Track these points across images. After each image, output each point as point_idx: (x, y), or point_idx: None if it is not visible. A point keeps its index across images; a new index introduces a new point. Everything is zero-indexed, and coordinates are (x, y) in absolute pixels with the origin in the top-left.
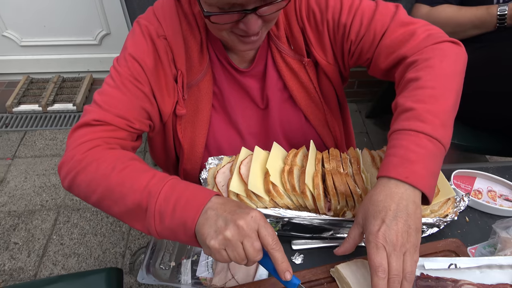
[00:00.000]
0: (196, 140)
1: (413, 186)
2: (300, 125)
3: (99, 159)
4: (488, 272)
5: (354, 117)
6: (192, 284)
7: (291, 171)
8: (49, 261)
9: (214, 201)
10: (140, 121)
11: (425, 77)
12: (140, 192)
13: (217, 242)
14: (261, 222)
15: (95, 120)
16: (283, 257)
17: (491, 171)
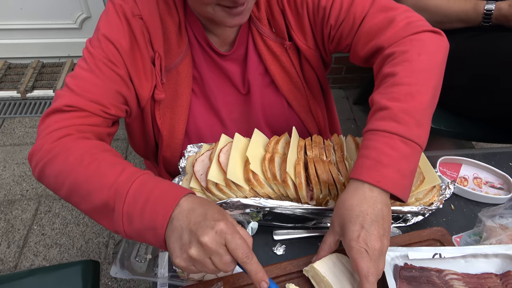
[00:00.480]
0: (176, 126)
1: (385, 190)
2: (282, 111)
3: (67, 150)
4: (473, 261)
5: (342, 103)
6: (169, 278)
7: (272, 159)
8: (30, 252)
9: (182, 206)
10: (115, 106)
11: (402, 73)
12: (107, 189)
13: (182, 261)
14: (228, 236)
15: (67, 105)
16: (256, 268)
17: (477, 157)
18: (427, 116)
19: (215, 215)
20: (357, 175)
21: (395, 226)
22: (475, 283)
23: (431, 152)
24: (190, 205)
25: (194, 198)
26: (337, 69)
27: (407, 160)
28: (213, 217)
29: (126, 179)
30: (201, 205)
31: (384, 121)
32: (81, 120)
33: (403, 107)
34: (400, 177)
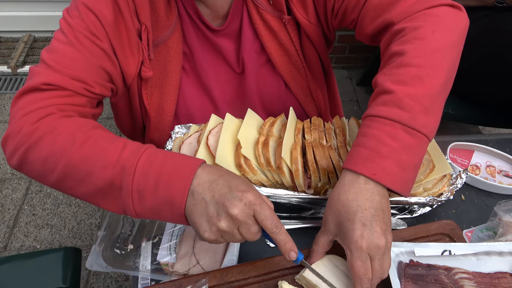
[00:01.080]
0: (165, 107)
1: (381, 184)
2: (279, 93)
3: (54, 130)
4: (485, 259)
5: (344, 84)
6: (152, 271)
7: (266, 143)
8: (20, 233)
9: (200, 177)
10: (100, 84)
11: (411, 52)
12: (111, 167)
13: (212, 234)
14: (257, 207)
15: (45, 84)
16: (286, 238)
17: (490, 144)
18: (438, 103)
19: (240, 186)
20: (351, 166)
21: (400, 218)
22: (487, 283)
23: (441, 138)
24: (209, 176)
25: (210, 168)
26: (340, 48)
27: (409, 151)
28: (239, 188)
29: (131, 155)
30: (221, 175)
31: (386, 107)
32: (62, 100)
33: (409, 92)
34: (400, 170)
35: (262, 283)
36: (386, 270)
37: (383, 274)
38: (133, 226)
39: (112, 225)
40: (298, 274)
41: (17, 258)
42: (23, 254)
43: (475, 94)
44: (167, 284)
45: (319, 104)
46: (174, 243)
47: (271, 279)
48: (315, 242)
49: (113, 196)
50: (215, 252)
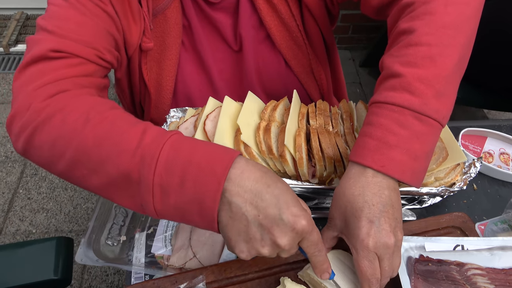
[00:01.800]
0: (163, 83)
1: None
2: (279, 71)
3: (65, 107)
4: (500, 254)
5: (347, 65)
6: (145, 265)
7: (268, 129)
8: (15, 217)
9: (238, 182)
10: (109, 51)
11: (421, 29)
12: (129, 156)
13: (249, 256)
14: (307, 235)
15: (54, 50)
16: (324, 259)
17: (504, 129)
18: (452, 84)
19: (292, 207)
20: (357, 158)
21: (408, 208)
22: (502, 279)
23: (452, 123)
24: (251, 184)
25: (251, 169)
26: (343, 28)
27: (420, 140)
28: (291, 211)
29: (153, 141)
30: (267, 185)
31: (395, 92)
32: (75, 70)
33: (419, 74)
34: (410, 160)
35: (263, 279)
36: (396, 268)
37: (393, 273)
38: (126, 216)
39: (103, 215)
40: (301, 271)
41: (5, 248)
42: (12, 244)
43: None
44: (162, 280)
45: (322, 84)
46: (170, 234)
47: (272, 275)
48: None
49: (129, 191)
50: (213, 245)
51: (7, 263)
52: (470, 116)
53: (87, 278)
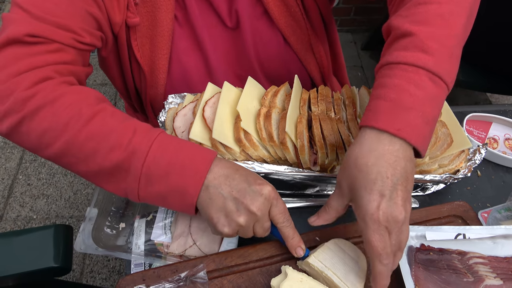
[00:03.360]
0: (156, 61)
1: (407, 142)
2: (278, 49)
3: (55, 100)
4: (503, 242)
5: (348, 48)
6: (145, 252)
7: (269, 115)
8: (15, 203)
9: (215, 171)
10: (89, 32)
11: None
12: (121, 150)
13: (231, 229)
14: (274, 201)
15: (29, 35)
16: (294, 232)
17: (509, 114)
18: (460, 46)
19: (258, 180)
20: (371, 122)
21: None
22: (504, 268)
23: (455, 108)
24: (224, 171)
25: (224, 162)
26: (345, 10)
27: (433, 103)
28: (257, 182)
29: (143, 139)
30: (236, 170)
31: (408, 51)
32: (53, 57)
33: (432, 32)
34: (423, 123)
35: (264, 268)
36: (404, 243)
37: (400, 247)
38: (125, 203)
39: (102, 202)
40: (300, 261)
41: (4, 236)
42: (11, 232)
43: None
44: (163, 268)
45: (322, 62)
46: (169, 221)
47: (273, 264)
48: (326, 204)
49: (117, 178)
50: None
51: (6, 251)
52: (472, 100)
53: (89, 263)
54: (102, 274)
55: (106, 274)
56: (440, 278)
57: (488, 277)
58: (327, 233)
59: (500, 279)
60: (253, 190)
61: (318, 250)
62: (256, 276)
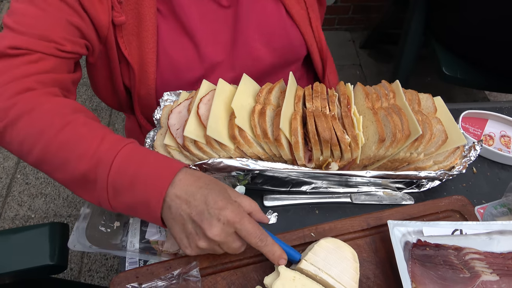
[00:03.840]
0: (144, 56)
1: None
2: (280, 23)
3: (32, 110)
4: (498, 238)
5: (347, 47)
6: (140, 250)
7: (263, 112)
8: (14, 202)
9: (178, 187)
10: (70, 40)
11: None
12: (87, 159)
13: (193, 251)
14: (237, 225)
15: (11, 47)
16: (272, 249)
17: (505, 111)
18: None
19: (219, 202)
20: None
21: (406, 192)
22: (500, 264)
23: (453, 105)
24: (187, 188)
25: (189, 177)
26: (343, 9)
27: None
28: (217, 205)
29: (110, 148)
30: (199, 187)
31: None
32: (35, 67)
33: None
34: None
35: (258, 265)
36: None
37: None
38: None
39: None
40: (293, 265)
41: (3, 233)
42: (7, 230)
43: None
44: (156, 265)
45: (319, 36)
46: None
47: (267, 260)
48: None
49: (88, 187)
50: None
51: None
52: (471, 98)
53: (87, 262)
54: (100, 273)
55: (104, 272)
56: (436, 274)
57: (485, 272)
58: (322, 229)
59: (496, 275)
60: (210, 214)
61: (309, 252)
62: (250, 273)
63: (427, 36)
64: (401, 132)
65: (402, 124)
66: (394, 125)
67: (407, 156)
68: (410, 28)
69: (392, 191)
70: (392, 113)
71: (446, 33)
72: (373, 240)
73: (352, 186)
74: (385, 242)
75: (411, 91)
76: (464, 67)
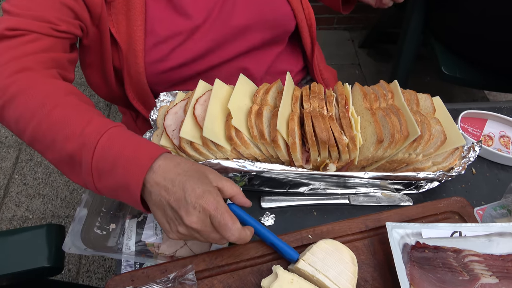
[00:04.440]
0: (132, 34)
1: None
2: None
3: (27, 90)
4: (498, 240)
5: (346, 46)
6: (136, 253)
7: (260, 113)
8: (11, 202)
9: (158, 172)
10: (65, 21)
11: None
12: (72, 141)
13: (176, 236)
14: (212, 214)
15: (8, 29)
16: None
17: (505, 112)
18: None
19: (196, 190)
20: None
21: (405, 193)
22: (499, 266)
23: (452, 105)
24: (166, 174)
25: (169, 162)
26: None
27: None
28: (194, 192)
29: (94, 131)
30: (178, 173)
31: None
32: (32, 47)
33: None
34: None
35: (255, 267)
36: None
37: None
38: (115, 204)
39: (92, 202)
40: (291, 265)
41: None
42: (3, 232)
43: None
44: (152, 268)
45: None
46: None
47: (264, 263)
48: None
49: (75, 169)
50: None
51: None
52: (470, 97)
53: (85, 263)
54: (98, 274)
55: (102, 273)
56: (435, 276)
57: (484, 275)
58: (320, 231)
59: (496, 277)
60: (187, 202)
61: (307, 253)
62: (247, 276)
63: (426, 35)
64: (400, 133)
65: (401, 124)
66: (393, 126)
67: (405, 157)
68: (409, 27)
69: (390, 192)
70: (391, 113)
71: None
72: (371, 242)
73: (350, 188)
74: (384, 244)
75: (409, 91)
76: (463, 66)
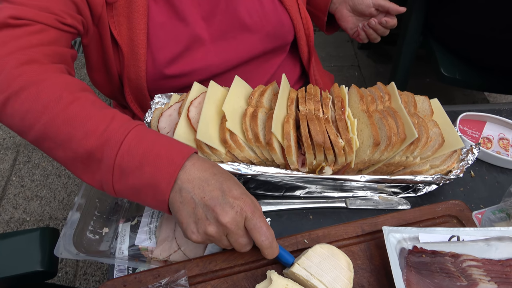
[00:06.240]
0: (134, 38)
1: None
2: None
3: (39, 82)
4: (496, 245)
5: (345, 48)
6: (129, 258)
7: (255, 115)
8: (8, 204)
9: (190, 172)
10: (70, 14)
11: None
12: (95, 137)
13: (200, 237)
14: (249, 216)
15: (13, 17)
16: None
17: (504, 114)
18: None
19: (234, 190)
20: None
21: (403, 197)
22: (498, 271)
23: (450, 107)
24: (200, 173)
25: (202, 163)
26: None
27: None
28: (232, 193)
29: (120, 128)
30: (214, 174)
31: None
32: (38, 38)
33: None
34: None
35: (250, 272)
36: None
37: None
38: (108, 208)
39: (84, 205)
40: (286, 269)
41: None
42: None
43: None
44: (144, 273)
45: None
46: (154, 226)
47: (259, 268)
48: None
49: (91, 168)
50: None
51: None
52: (470, 99)
53: (82, 265)
54: (95, 276)
55: (99, 276)
56: (432, 282)
57: (482, 280)
58: (316, 235)
59: (495, 283)
60: (225, 201)
61: (302, 257)
62: (241, 281)
63: (425, 36)
64: (397, 136)
65: (398, 127)
66: (389, 128)
67: (402, 160)
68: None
69: (388, 195)
70: (387, 116)
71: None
72: (368, 247)
73: (347, 191)
74: (380, 248)
75: (407, 93)
76: (462, 68)
